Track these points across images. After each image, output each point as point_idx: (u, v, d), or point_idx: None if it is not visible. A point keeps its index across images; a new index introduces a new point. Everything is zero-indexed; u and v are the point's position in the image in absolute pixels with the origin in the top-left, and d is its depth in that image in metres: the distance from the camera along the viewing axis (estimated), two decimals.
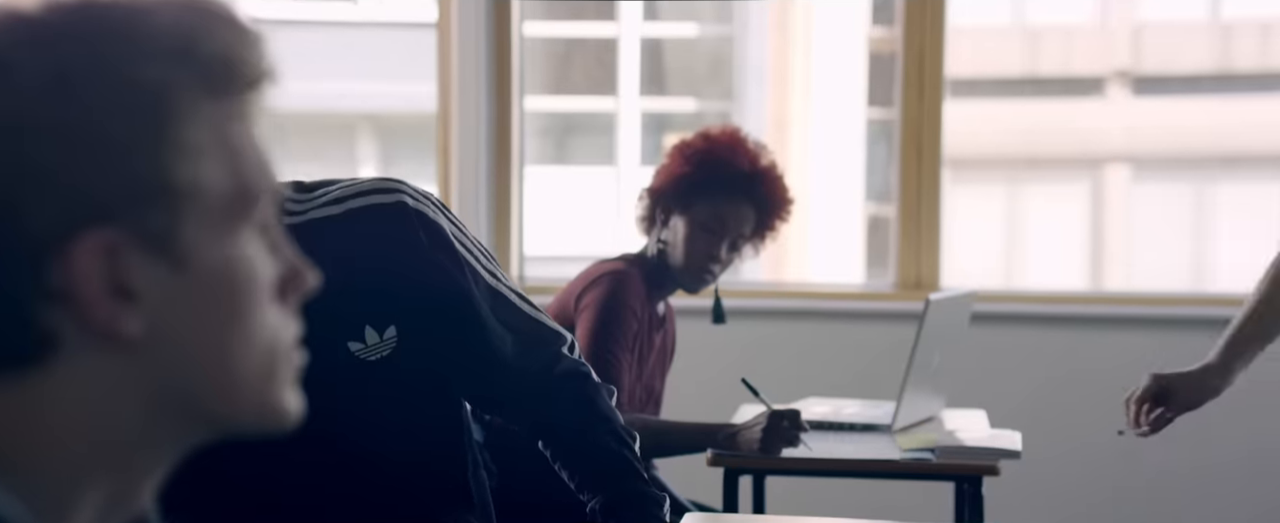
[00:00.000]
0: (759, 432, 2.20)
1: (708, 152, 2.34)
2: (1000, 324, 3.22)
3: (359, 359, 1.43)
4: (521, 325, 1.52)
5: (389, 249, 1.45)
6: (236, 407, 0.63)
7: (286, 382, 0.64)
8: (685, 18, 5.49)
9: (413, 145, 6.01)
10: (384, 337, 1.45)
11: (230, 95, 0.62)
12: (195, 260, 0.60)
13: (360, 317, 1.43)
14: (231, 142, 0.62)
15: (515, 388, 1.52)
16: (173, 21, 0.61)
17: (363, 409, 1.44)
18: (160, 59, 0.60)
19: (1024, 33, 5.29)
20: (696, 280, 2.35)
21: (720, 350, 3.13)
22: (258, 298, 0.62)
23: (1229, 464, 3.26)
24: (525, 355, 1.52)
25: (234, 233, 0.62)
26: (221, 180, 0.61)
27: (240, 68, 0.62)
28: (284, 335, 0.64)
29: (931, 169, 3.35)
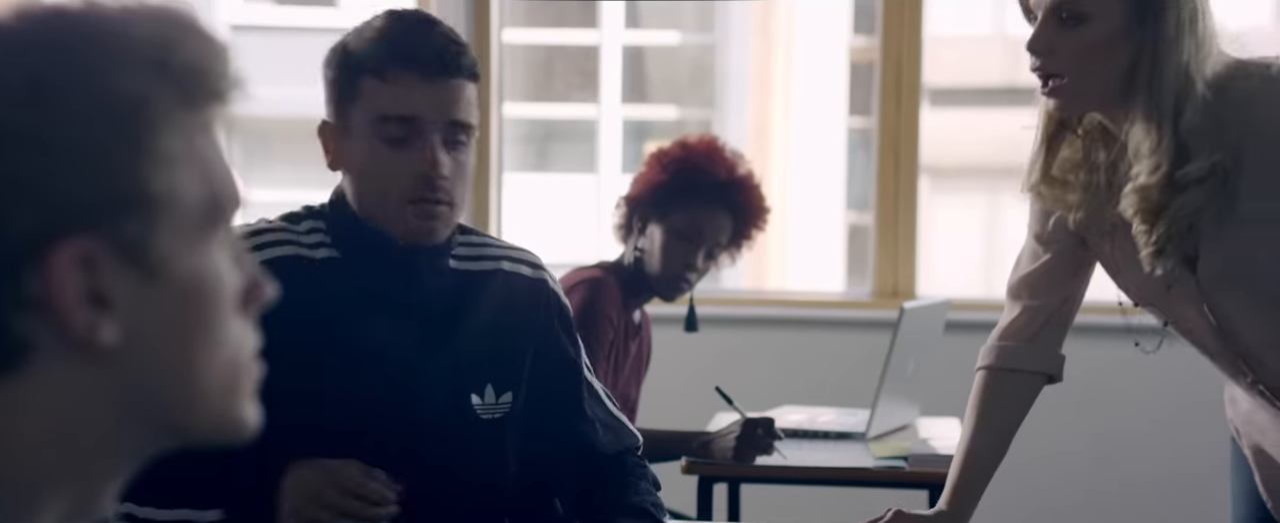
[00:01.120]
0: (733, 440, 2.22)
1: (685, 160, 2.36)
2: (976, 332, 3.23)
3: (476, 414, 1.48)
4: (607, 420, 1.61)
5: (527, 320, 1.52)
6: (200, 417, 0.64)
7: (247, 394, 0.65)
8: (667, 25, 5.52)
9: None
10: (500, 399, 1.50)
11: (202, 106, 0.63)
12: (167, 270, 0.61)
13: (487, 374, 1.48)
14: (203, 152, 0.63)
15: (595, 473, 1.59)
16: (150, 32, 0.62)
17: (468, 461, 1.47)
18: (138, 69, 0.61)
19: (1005, 42, 5.33)
20: (673, 288, 2.36)
21: (696, 358, 3.15)
22: (225, 309, 0.64)
23: (1206, 471, 3.30)
24: (610, 445, 1.60)
25: (204, 243, 0.63)
26: (194, 190, 0.62)
27: (212, 79, 0.63)
28: (246, 347, 0.65)
29: (908, 178, 3.38)
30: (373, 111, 1.39)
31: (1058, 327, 1.67)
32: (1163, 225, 1.47)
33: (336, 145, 1.42)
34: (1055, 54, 1.47)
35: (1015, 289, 1.68)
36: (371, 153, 1.39)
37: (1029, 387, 1.69)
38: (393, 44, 1.38)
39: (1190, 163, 1.44)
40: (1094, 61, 1.46)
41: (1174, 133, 1.44)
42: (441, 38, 1.40)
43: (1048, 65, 1.48)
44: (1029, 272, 1.66)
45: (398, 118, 1.38)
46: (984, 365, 1.69)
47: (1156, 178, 1.45)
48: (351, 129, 1.40)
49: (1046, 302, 1.65)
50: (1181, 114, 1.44)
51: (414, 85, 1.38)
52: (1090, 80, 1.48)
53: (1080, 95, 1.50)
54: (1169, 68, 1.43)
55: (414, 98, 1.38)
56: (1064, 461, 3.26)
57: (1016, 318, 1.67)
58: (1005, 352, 1.67)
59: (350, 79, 1.40)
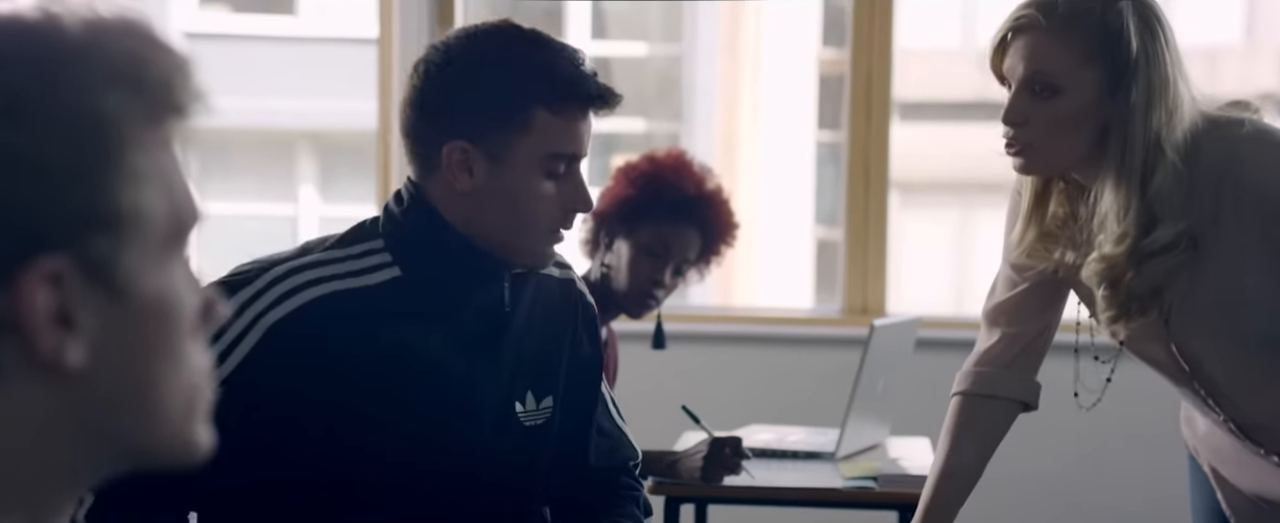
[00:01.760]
0: (700, 459, 2.21)
1: (652, 174, 2.36)
2: (946, 351, 3.25)
3: (520, 422, 1.48)
4: (609, 429, 1.61)
5: (561, 321, 1.52)
6: (159, 439, 0.63)
7: (203, 415, 0.65)
8: (634, 36, 5.53)
9: (353, 163, 5.98)
10: (541, 405, 1.50)
11: (166, 122, 0.63)
12: (133, 290, 0.61)
13: (528, 381, 1.48)
14: (166, 168, 0.63)
15: (580, 487, 1.59)
16: (122, 49, 0.61)
17: (511, 470, 1.47)
18: (113, 86, 0.61)
19: (975, 56, 5.38)
20: (639, 305, 2.36)
21: (662, 376, 3.14)
22: (185, 329, 0.64)
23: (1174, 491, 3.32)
24: (602, 458, 1.61)
25: (168, 262, 0.63)
26: (160, 208, 0.62)
27: (177, 95, 0.63)
28: (202, 368, 0.65)
29: (878, 193, 3.39)
30: (544, 147, 1.39)
31: (1034, 355, 1.69)
32: (1123, 293, 1.50)
33: (480, 169, 1.39)
34: (1029, 124, 1.51)
35: (991, 316, 1.70)
36: (530, 184, 1.39)
37: (1005, 413, 1.70)
38: (570, 80, 1.39)
39: (1156, 230, 1.48)
40: (1066, 132, 1.51)
41: (1141, 200, 1.48)
42: (595, 72, 1.42)
43: (1021, 135, 1.52)
44: (1005, 299, 1.68)
45: (567, 154, 1.40)
46: (960, 391, 1.70)
47: (1122, 248, 1.48)
48: (510, 158, 1.39)
49: (1023, 330, 1.68)
50: (1149, 182, 1.47)
51: (581, 121, 1.40)
52: (1061, 149, 1.52)
53: (1049, 163, 1.54)
54: (1139, 138, 1.47)
55: (581, 134, 1.41)
56: (1033, 481, 3.28)
57: (993, 345, 1.69)
58: (982, 377, 1.69)
59: (521, 109, 1.38)
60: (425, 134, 1.40)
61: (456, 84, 1.39)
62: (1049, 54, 1.50)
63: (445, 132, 1.39)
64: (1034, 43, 1.51)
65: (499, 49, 1.40)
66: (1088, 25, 1.49)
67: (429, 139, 1.40)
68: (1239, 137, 1.50)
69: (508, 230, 1.41)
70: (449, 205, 1.40)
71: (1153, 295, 1.51)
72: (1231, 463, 1.68)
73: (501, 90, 1.38)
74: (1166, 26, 1.51)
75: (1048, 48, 1.50)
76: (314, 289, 1.37)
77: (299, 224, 5.98)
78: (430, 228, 1.41)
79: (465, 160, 1.39)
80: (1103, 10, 1.49)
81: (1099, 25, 1.48)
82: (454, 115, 1.39)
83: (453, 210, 1.40)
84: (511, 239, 1.41)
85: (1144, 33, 1.48)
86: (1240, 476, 1.68)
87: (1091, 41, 1.49)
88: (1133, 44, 1.48)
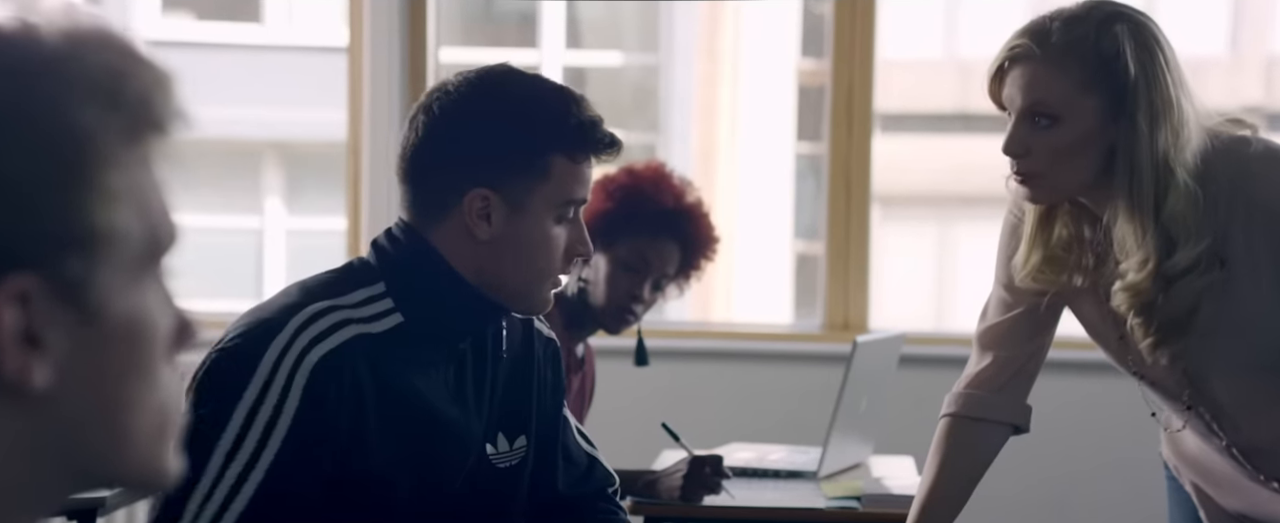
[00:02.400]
0: (680, 478, 2.21)
1: (631, 187, 2.36)
2: (930, 367, 3.26)
3: (492, 464, 1.49)
4: (576, 456, 1.63)
5: (528, 361, 1.54)
6: (127, 464, 0.63)
7: (173, 440, 0.65)
8: (609, 45, 5.53)
9: (321, 175, 5.96)
10: (515, 445, 1.52)
11: (145, 139, 0.62)
12: (105, 311, 0.60)
13: (500, 421, 1.50)
14: (143, 186, 0.62)
15: (569, 516, 1.61)
16: (100, 63, 0.61)
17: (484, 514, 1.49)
18: (90, 102, 0.60)
19: (956, 67, 5.40)
20: (618, 321, 2.36)
21: (641, 393, 3.13)
22: (158, 352, 0.63)
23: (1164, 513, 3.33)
24: (577, 486, 1.62)
25: (142, 282, 0.62)
26: (135, 227, 0.61)
27: (157, 111, 0.62)
28: (174, 392, 0.65)
29: (860, 206, 3.40)
30: (561, 194, 1.42)
31: (1026, 378, 1.70)
32: (1159, 318, 1.51)
33: (499, 217, 1.41)
34: (1031, 154, 1.52)
35: (983, 339, 1.70)
36: (545, 230, 1.43)
37: (996, 436, 1.71)
38: (585, 127, 1.42)
39: (1177, 252, 1.49)
40: (1070, 160, 1.52)
41: (1156, 223, 1.49)
42: (600, 117, 1.45)
43: (1026, 165, 1.53)
44: (998, 323, 1.68)
45: (579, 200, 1.44)
46: (950, 412, 1.70)
47: (1145, 273, 1.49)
48: (529, 207, 1.41)
49: (1015, 354, 1.68)
50: (1163, 205, 1.48)
51: (589, 167, 1.45)
52: (1067, 176, 1.53)
53: (1057, 190, 1.56)
54: (1145, 162, 1.48)
55: (589, 180, 1.45)
56: (1012, 503, 3.29)
57: (984, 368, 1.69)
58: (973, 400, 1.69)
59: (541, 156, 1.41)
60: (441, 182, 1.42)
61: (477, 131, 1.41)
62: (1046, 84, 1.50)
63: (467, 180, 1.40)
64: (1031, 73, 1.51)
65: (516, 96, 1.43)
66: (1082, 52, 1.49)
67: (446, 186, 1.42)
68: (1249, 155, 1.51)
69: (521, 278, 1.44)
70: (459, 254, 1.42)
71: (1188, 316, 1.51)
72: (1220, 484, 1.69)
73: (523, 139, 1.41)
74: (1165, 45, 1.51)
75: (1044, 78, 1.50)
76: (343, 331, 1.38)
77: (264, 237, 5.95)
78: (436, 275, 1.42)
79: (486, 208, 1.41)
80: (1097, 36, 1.49)
81: (1093, 52, 1.49)
82: (476, 163, 1.40)
83: (463, 259, 1.42)
84: (523, 286, 1.44)
85: (1141, 55, 1.49)
86: (1227, 496, 1.69)
87: (1087, 69, 1.49)
88: (1130, 68, 1.48)
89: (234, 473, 1.32)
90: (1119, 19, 1.50)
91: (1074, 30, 1.50)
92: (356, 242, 3.46)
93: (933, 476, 1.68)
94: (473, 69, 1.45)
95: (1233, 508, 1.69)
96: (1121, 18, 1.50)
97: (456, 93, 1.41)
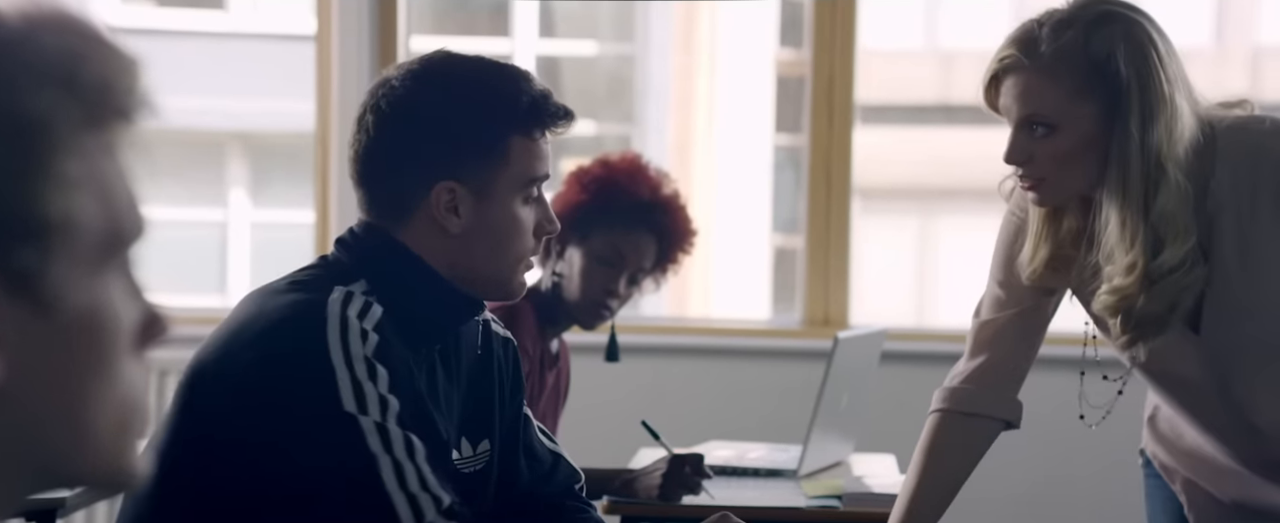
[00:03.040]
0: (659, 478, 2.20)
1: (606, 179, 2.35)
2: (911, 364, 3.27)
3: (457, 469, 1.48)
4: (545, 455, 1.62)
5: (489, 363, 1.54)
6: (86, 463, 0.62)
7: (138, 438, 0.64)
8: (584, 34, 5.52)
9: (288, 167, 5.93)
10: (478, 450, 1.52)
11: (106, 125, 0.61)
12: (61, 303, 0.59)
13: (463, 425, 1.49)
14: (104, 174, 0.61)
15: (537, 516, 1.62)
16: (56, 45, 0.60)
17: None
18: (45, 86, 0.59)
19: (937, 57, 5.42)
20: (593, 316, 2.35)
21: (618, 391, 3.13)
22: (120, 346, 0.62)
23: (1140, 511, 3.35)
24: (541, 484, 1.62)
25: (102, 274, 0.61)
26: (94, 217, 0.60)
27: (118, 96, 0.61)
28: (140, 388, 0.64)
29: (841, 199, 3.40)
30: (524, 175, 1.43)
31: (1018, 375, 1.71)
32: (1135, 318, 1.53)
33: (467, 208, 1.42)
34: (1033, 161, 1.55)
35: (977, 337, 1.71)
36: (512, 213, 1.43)
37: (987, 432, 1.71)
38: (537, 104, 1.42)
39: (1165, 251, 1.50)
40: (1073, 164, 1.54)
41: (1146, 223, 1.50)
42: (548, 89, 1.45)
43: (1030, 172, 1.56)
44: (992, 320, 1.69)
45: (541, 177, 1.45)
46: (940, 408, 1.71)
47: (1132, 278, 1.51)
48: (494, 193, 1.42)
49: (1008, 352, 1.69)
50: (1153, 203, 1.50)
51: (546, 143, 1.45)
52: (1072, 179, 1.55)
53: (1063, 193, 1.58)
54: (1135, 161, 1.50)
55: (547, 155, 1.46)
56: (990, 502, 3.30)
57: (977, 365, 1.70)
58: (964, 395, 1.70)
59: (497, 140, 1.42)
60: (402, 181, 1.41)
61: (431, 125, 1.41)
62: (1039, 94, 1.52)
63: (429, 175, 1.40)
64: (1023, 84, 1.53)
65: (463, 83, 1.43)
66: (1073, 60, 1.50)
67: (408, 185, 1.41)
68: (1264, 131, 1.53)
69: (495, 265, 1.44)
70: (431, 250, 1.42)
71: (1167, 313, 1.53)
72: (1221, 475, 1.70)
73: (476, 124, 1.41)
74: (1158, 40, 1.52)
75: (1037, 88, 1.52)
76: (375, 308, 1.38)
77: (229, 230, 5.92)
78: (413, 274, 1.41)
79: (453, 201, 1.41)
80: (1087, 40, 1.50)
81: (1084, 57, 1.50)
82: (435, 157, 1.40)
83: (435, 255, 1.42)
84: (497, 273, 1.45)
85: (1134, 55, 1.49)
86: (1222, 485, 1.70)
87: (1079, 75, 1.50)
88: (1122, 70, 1.49)
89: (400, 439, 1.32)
90: (1108, 20, 1.51)
91: (1062, 36, 1.50)
92: (325, 235, 3.44)
93: (919, 472, 1.69)
94: (411, 60, 1.45)
95: (1230, 497, 1.70)
96: (1111, 18, 1.51)
97: (402, 88, 1.41)
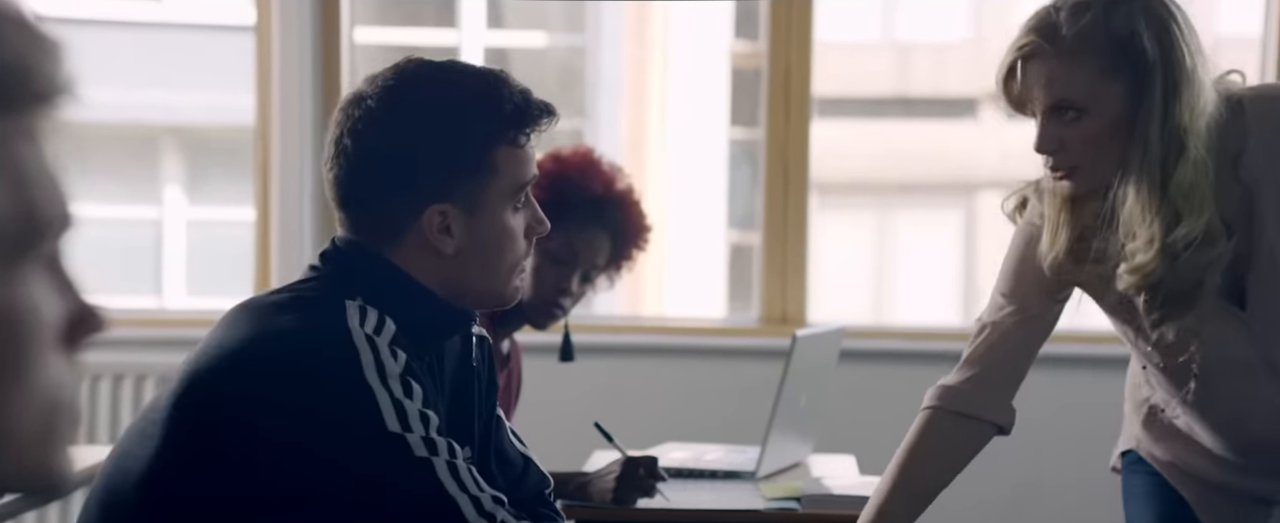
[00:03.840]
0: (612, 481, 2.20)
1: (558, 175, 2.35)
2: (869, 362, 3.29)
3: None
4: (516, 459, 1.64)
5: (466, 367, 1.54)
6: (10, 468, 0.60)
7: (66, 441, 0.62)
8: (533, 25, 5.50)
9: (226, 163, 5.87)
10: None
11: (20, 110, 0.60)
12: None
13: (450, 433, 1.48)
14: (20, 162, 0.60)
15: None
16: None
17: None
18: None
19: (894, 50, 5.45)
20: (545, 315, 2.34)
21: (571, 391, 3.13)
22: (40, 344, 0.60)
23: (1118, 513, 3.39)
24: (511, 489, 1.62)
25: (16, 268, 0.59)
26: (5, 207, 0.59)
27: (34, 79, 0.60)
28: (67, 388, 0.62)
29: (798, 195, 3.41)
30: (513, 183, 1.43)
31: (1016, 380, 1.73)
32: (1162, 294, 1.55)
33: (459, 226, 1.41)
34: (1065, 148, 1.56)
35: (977, 339, 1.73)
36: (504, 224, 1.43)
37: (978, 435, 1.73)
38: (520, 109, 1.42)
39: (1181, 225, 1.52)
40: (1103, 147, 1.55)
41: (1164, 198, 1.52)
42: (526, 88, 1.45)
43: (1063, 160, 1.57)
44: (995, 323, 1.71)
45: (530, 181, 1.45)
46: (932, 406, 1.72)
47: (1152, 252, 1.53)
48: (484, 206, 1.42)
49: (1008, 357, 1.71)
50: (1170, 178, 1.52)
51: (532, 146, 1.45)
52: (1106, 163, 1.57)
53: (1097, 178, 1.58)
54: (1156, 137, 1.52)
55: (533, 158, 1.46)
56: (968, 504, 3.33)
57: (976, 368, 1.72)
58: (959, 395, 1.71)
59: (483, 154, 1.41)
60: (390, 206, 1.41)
61: (415, 147, 1.40)
62: (1065, 79, 1.53)
63: (418, 199, 1.40)
64: (1047, 71, 1.54)
65: (442, 98, 1.41)
66: (1096, 41, 1.52)
67: (396, 209, 1.40)
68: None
69: (488, 279, 1.45)
70: (424, 270, 1.42)
71: (1194, 289, 1.55)
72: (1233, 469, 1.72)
73: (461, 142, 1.40)
74: (1176, 12, 1.54)
75: (1062, 73, 1.53)
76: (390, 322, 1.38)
77: (164, 228, 5.85)
78: (408, 293, 1.41)
79: (445, 222, 1.41)
80: (1107, 20, 1.52)
81: (1107, 37, 1.52)
82: (422, 180, 1.40)
83: (429, 274, 1.42)
84: (490, 286, 1.45)
85: (1157, 30, 1.52)
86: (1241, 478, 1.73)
87: (1104, 56, 1.52)
88: (1147, 47, 1.51)
89: (445, 447, 1.33)
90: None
91: (1082, 18, 1.52)
92: (266, 234, 3.41)
93: (899, 470, 1.70)
94: (384, 72, 1.43)
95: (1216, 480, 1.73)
96: None
97: (379, 108, 1.39)
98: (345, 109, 1.41)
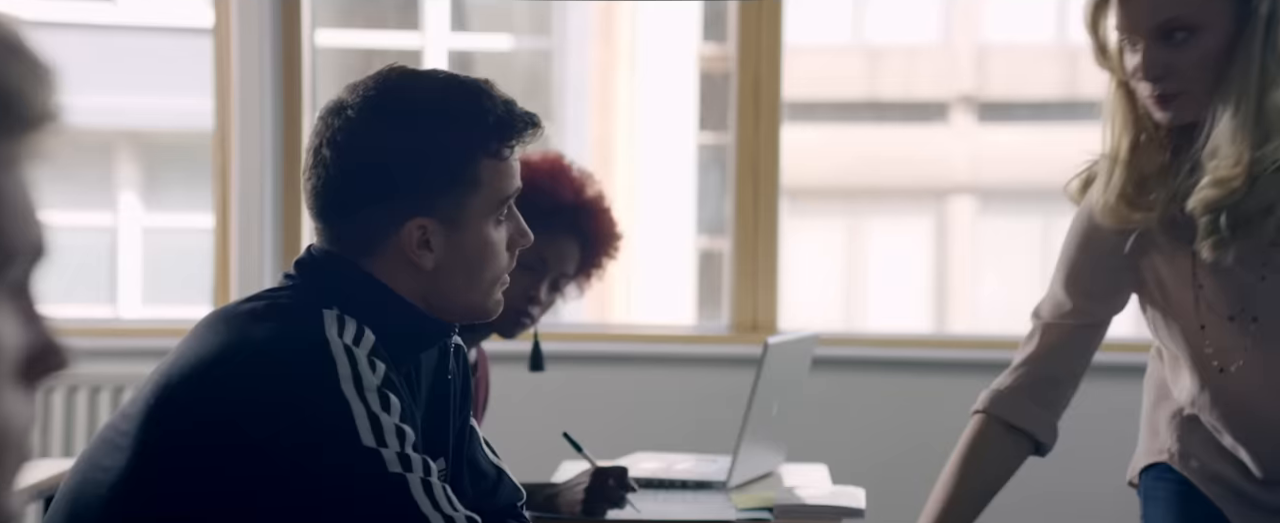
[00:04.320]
0: (581, 492, 2.21)
1: (526, 181, 2.33)
2: (841, 370, 3.31)
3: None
4: (490, 471, 1.65)
5: (442, 377, 1.55)
6: None
7: (12, 477, 0.61)
8: (498, 28, 5.50)
9: (183, 168, 5.84)
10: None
11: (10, 136, 0.59)
12: None
13: (425, 446, 1.48)
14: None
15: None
16: None
17: None
18: None
19: (864, 53, 5.48)
20: (513, 324, 2.34)
21: (539, 401, 3.13)
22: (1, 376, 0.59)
23: None
24: (485, 500, 1.64)
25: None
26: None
27: (21, 105, 0.59)
28: (18, 422, 0.61)
29: (768, 200, 3.42)
30: (496, 196, 1.42)
31: (1068, 395, 1.76)
32: (1232, 215, 1.55)
33: (439, 241, 1.41)
34: (1174, 73, 1.57)
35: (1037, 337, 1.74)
36: (486, 238, 1.43)
37: (1021, 451, 1.77)
38: (503, 121, 1.41)
39: (1268, 144, 1.53)
40: (1213, 68, 1.56)
41: (1258, 117, 1.53)
42: (510, 98, 1.44)
43: (1168, 86, 1.57)
44: (1056, 325, 1.73)
45: (513, 194, 1.45)
46: (985, 410, 1.74)
47: (1239, 169, 1.53)
48: (466, 220, 1.41)
49: (1064, 366, 1.74)
50: (1266, 98, 1.53)
51: (516, 159, 1.45)
52: (1206, 85, 1.57)
53: (1198, 105, 1.59)
54: (1257, 53, 1.53)
55: (517, 170, 1.45)
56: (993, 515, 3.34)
57: (1034, 373, 1.74)
58: (1013, 404, 1.74)
59: (466, 167, 1.40)
60: (369, 218, 1.40)
61: (395, 161, 1.39)
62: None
63: (398, 212, 1.39)
64: None
65: (425, 109, 1.41)
66: None
67: (376, 222, 1.40)
68: None
69: (468, 294, 1.45)
70: (403, 284, 1.42)
71: (1263, 216, 1.56)
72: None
73: (444, 155, 1.40)
74: None
75: None
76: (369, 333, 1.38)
77: (119, 236, 5.81)
78: (385, 305, 1.41)
79: (425, 236, 1.40)
80: None
81: None
82: (404, 193, 1.39)
83: (408, 287, 1.42)
84: (470, 300, 1.45)
85: None
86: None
87: None
88: None
89: (420, 464, 1.32)
90: None
91: None
92: (225, 241, 3.39)
93: (958, 475, 1.72)
94: (366, 80, 1.42)
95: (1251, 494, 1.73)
96: None
97: (360, 119, 1.39)
98: (325, 118, 1.41)
